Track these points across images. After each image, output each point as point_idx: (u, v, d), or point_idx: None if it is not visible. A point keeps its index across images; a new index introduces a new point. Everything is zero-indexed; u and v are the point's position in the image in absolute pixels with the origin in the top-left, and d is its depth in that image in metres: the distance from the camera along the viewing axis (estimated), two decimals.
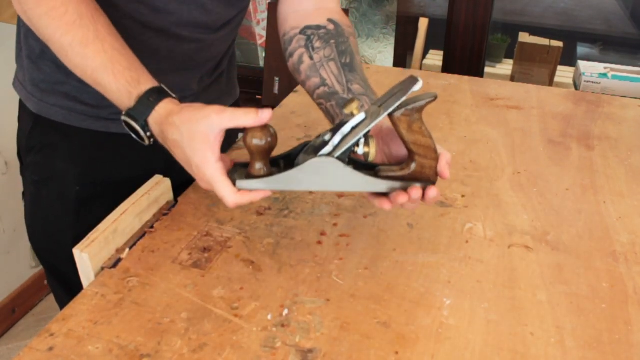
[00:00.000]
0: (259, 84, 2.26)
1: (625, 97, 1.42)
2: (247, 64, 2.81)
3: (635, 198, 0.97)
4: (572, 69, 2.21)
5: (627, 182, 1.02)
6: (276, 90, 2.22)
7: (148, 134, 0.71)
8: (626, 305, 0.74)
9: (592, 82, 1.91)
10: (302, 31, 0.88)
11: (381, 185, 0.71)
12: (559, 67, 2.09)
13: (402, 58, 2.51)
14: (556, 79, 2.10)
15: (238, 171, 0.71)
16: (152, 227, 0.86)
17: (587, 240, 0.86)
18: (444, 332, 0.69)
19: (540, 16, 3.09)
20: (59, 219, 0.98)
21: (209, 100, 1.04)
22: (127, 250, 0.81)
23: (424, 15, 2.28)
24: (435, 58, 2.36)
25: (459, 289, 0.76)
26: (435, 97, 0.68)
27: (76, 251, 0.75)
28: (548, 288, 0.77)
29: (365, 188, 0.71)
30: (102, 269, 0.78)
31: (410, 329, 0.69)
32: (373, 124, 0.68)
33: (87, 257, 0.75)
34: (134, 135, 0.73)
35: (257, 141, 0.67)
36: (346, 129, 0.69)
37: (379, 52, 3.11)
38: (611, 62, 2.06)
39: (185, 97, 0.99)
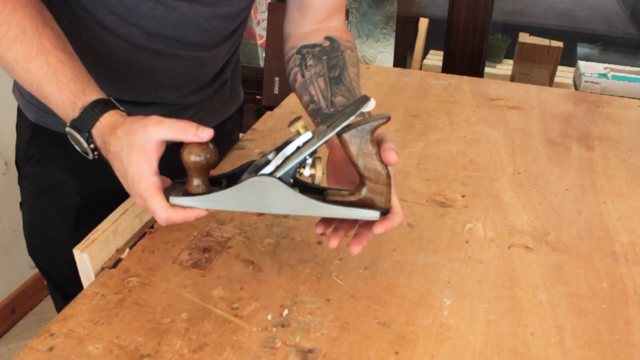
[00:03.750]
0: (259, 84, 2.26)
1: (625, 97, 1.43)
2: (247, 64, 2.81)
3: (635, 198, 0.97)
4: (572, 69, 2.21)
5: (627, 182, 1.02)
6: (276, 90, 2.22)
7: (92, 145, 0.69)
8: (626, 306, 0.74)
9: (592, 82, 1.91)
10: (299, 51, 0.88)
11: (327, 210, 0.66)
12: (559, 67, 2.09)
13: (402, 58, 2.51)
14: (556, 79, 2.10)
15: (177, 188, 0.67)
16: (152, 227, 0.86)
17: (587, 241, 0.86)
18: (444, 332, 0.69)
19: (540, 16, 3.09)
20: (58, 231, 0.97)
21: (212, 110, 1.05)
22: (127, 250, 0.81)
23: (424, 16, 2.28)
24: (435, 58, 2.36)
25: (459, 289, 0.76)
26: (388, 119, 0.64)
27: (76, 251, 0.75)
28: (548, 288, 0.77)
29: (309, 212, 0.66)
30: (102, 269, 0.78)
31: (410, 329, 0.69)
32: (319, 144, 0.64)
33: (87, 257, 0.75)
34: (78, 149, 0.71)
35: (194, 157, 0.63)
36: (290, 148, 0.65)
37: (379, 52, 3.11)
38: (611, 62, 2.05)
39: (187, 108, 0.99)
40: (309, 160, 0.65)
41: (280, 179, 0.64)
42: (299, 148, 0.65)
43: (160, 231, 0.85)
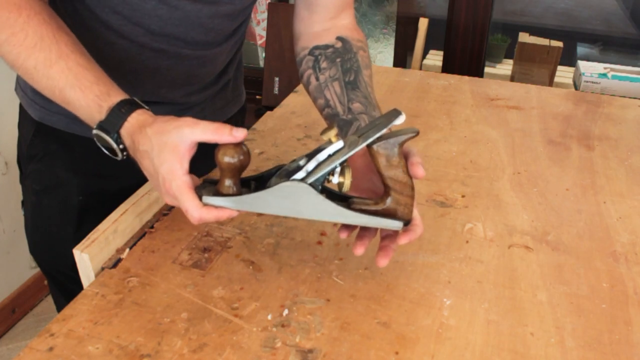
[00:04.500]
0: (259, 84, 2.26)
1: (625, 97, 1.43)
2: (247, 64, 2.82)
3: (635, 198, 0.97)
4: (572, 69, 2.21)
5: (627, 183, 1.02)
6: (276, 90, 2.22)
7: (121, 146, 0.69)
8: (626, 306, 0.74)
9: (592, 82, 1.91)
10: (311, 52, 0.88)
11: (353, 218, 0.68)
12: (559, 67, 2.09)
13: (402, 58, 2.51)
14: (556, 79, 2.11)
15: (206, 187, 0.68)
16: (152, 227, 0.86)
17: (587, 241, 0.86)
18: (444, 332, 0.69)
19: (540, 16, 3.09)
20: (60, 229, 0.97)
21: (215, 109, 1.05)
22: (127, 250, 0.81)
23: (424, 15, 2.29)
24: (435, 58, 2.36)
25: (459, 289, 0.76)
26: (417, 133, 0.66)
27: (76, 251, 0.75)
28: (548, 288, 0.77)
29: (337, 218, 0.68)
30: (102, 269, 0.78)
31: (410, 329, 0.69)
32: (350, 154, 0.66)
33: (87, 257, 0.75)
34: (106, 151, 0.71)
35: (228, 158, 0.64)
36: (322, 155, 0.66)
37: (379, 52, 3.11)
38: (611, 62, 2.06)
39: (190, 108, 0.99)
40: (338, 169, 0.67)
41: (311, 185, 0.66)
42: (330, 156, 0.67)
43: (160, 231, 0.85)
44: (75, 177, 0.94)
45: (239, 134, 0.64)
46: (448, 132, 1.18)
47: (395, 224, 0.69)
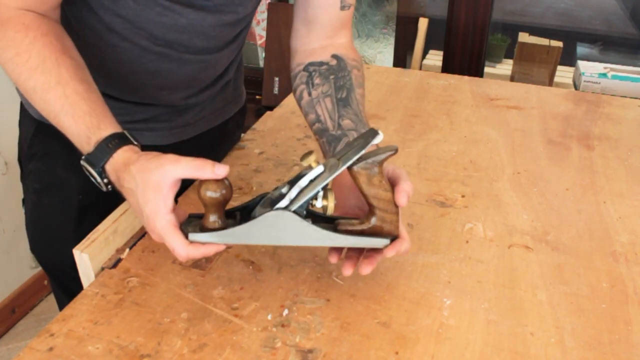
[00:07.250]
0: (259, 84, 2.26)
1: (625, 97, 1.43)
2: (247, 64, 2.81)
3: (635, 198, 0.97)
4: (572, 69, 2.21)
5: (627, 182, 1.02)
6: (276, 90, 2.22)
7: (105, 180, 0.70)
8: (626, 305, 0.74)
9: (592, 82, 1.91)
10: (305, 68, 0.89)
11: (340, 240, 0.68)
12: (559, 67, 2.09)
13: (402, 58, 2.51)
14: (556, 79, 2.10)
15: (192, 222, 0.68)
16: None
17: (587, 240, 0.86)
18: (444, 332, 0.69)
19: (540, 16, 3.09)
20: (60, 227, 0.97)
21: (215, 110, 1.05)
22: (127, 250, 0.81)
23: (424, 15, 2.28)
24: (435, 58, 2.36)
25: (459, 289, 0.76)
26: (396, 151, 0.66)
27: (76, 251, 0.75)
28: (548, 288, 0.77)
29: (323, 243, 0.68)
30: (102, 269, 0.78)
31: (410, 329, 0.69)
32: (331, 178, 0.66)
33: (87, 257, 0.75)
34: (93, 181, 0.71)
35: (211, 193, 0.64)
36: (303, 182, 0.67)
37: (379, 52, 3.11)
38: (611, 62, 2.06)
39: (190, 108, 0.99)
40: (321, 193, 0.67)
41: (295, 212, 0.66)
42: (311, 181, 0.67)
43: None
44: (75, 176, 0.94)
45: (220, 171, 0.64)
46: (448, 132, 1.18)
47: (381, 242, 0.69)
